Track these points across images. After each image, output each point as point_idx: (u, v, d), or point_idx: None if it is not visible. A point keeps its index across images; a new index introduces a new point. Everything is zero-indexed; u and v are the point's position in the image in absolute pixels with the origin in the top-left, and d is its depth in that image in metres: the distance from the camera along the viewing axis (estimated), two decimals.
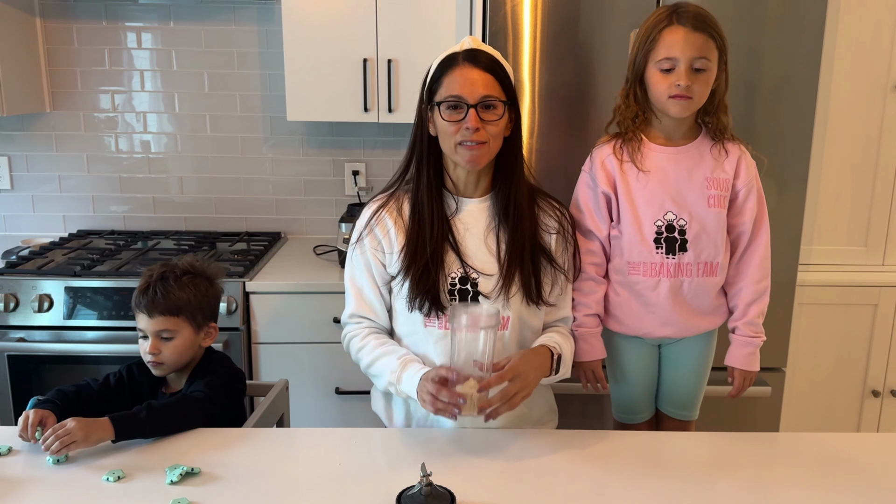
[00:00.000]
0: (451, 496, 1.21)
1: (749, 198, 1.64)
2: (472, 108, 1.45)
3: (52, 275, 2.34)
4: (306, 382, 2.40)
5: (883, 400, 2.51)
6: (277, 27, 2.68)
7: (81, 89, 2.82)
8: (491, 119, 1.46)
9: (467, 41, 1.50)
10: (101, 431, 1.37)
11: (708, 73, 1.53)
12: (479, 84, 1.45)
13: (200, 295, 1.62)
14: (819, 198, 2.40)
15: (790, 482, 1.33)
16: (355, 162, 2.90)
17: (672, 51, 1.52)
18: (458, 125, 1.46)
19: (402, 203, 1.58)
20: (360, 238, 1.59)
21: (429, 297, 1.50)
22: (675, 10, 1.54)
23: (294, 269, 2.50)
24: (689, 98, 1.53)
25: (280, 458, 1.39)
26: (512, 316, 1.54)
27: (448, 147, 1.50)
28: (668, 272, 1.62)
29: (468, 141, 1.46)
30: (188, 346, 1.60)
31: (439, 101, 1.47)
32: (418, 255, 1.51)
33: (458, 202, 1.57)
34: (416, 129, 1.56)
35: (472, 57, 1.47)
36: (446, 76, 1.48)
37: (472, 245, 1.55)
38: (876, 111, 2.35)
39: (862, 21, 2.28)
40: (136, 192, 2.92)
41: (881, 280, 2.44)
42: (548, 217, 1.60)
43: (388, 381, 1.51)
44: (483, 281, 1.53)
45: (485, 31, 2.13)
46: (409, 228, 1.54)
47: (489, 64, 1.48)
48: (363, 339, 1.58)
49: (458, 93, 1.45)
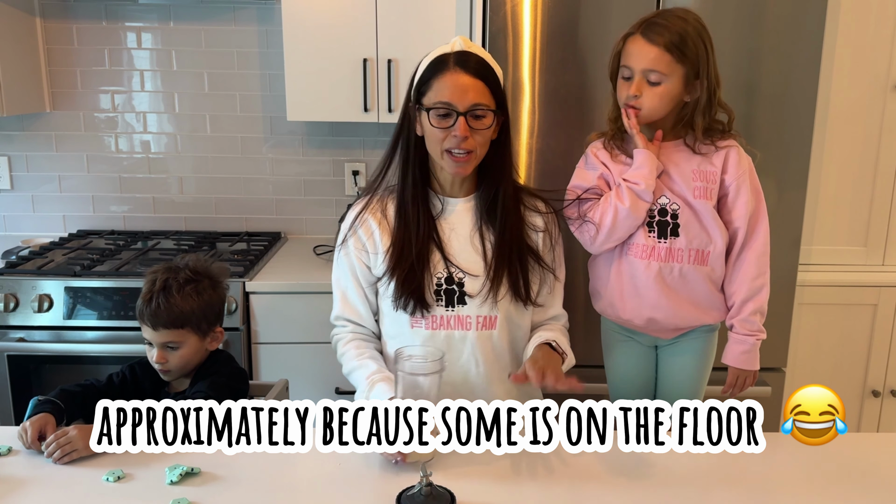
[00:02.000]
0: (451, 496, 1.21)
1: (741, 193, 1.62)
2: (461, 115, 1.43)
3: (52, 275, 2.34)
4: (306, 382, 2.40)
5: (883, 400, 2.51)
6: (277, 27, 2.68)
7: (81, 89, 2.82)
8: (480, 128, 1.45)
9: (458, 42, 1.48)
10: None
11: (663, 87, 1.53)
12: (470, 91, 1.43)
13: (204, 303, 1.61)
14: (819, 198, 2.40)
15: (790, 482, 1.33)
16: (355, 162, 2.90)
17: (628, 59, 1.56)
18: (446, 132, 1.44)
19: (387, 204, 1.57)
20: (345, 240, 1.59)
21: (414, 297, 1.50)
22: (643, 21, 1.56)
23: (294, 269, 2.50)
24: (638, 109, 1.56)
25: (280, 458, 1.38)
26: (500, 316, 1.55)
27: (435, 152, 1.48)
28: (660, 256, 1.63)
29: (456, 150, 1.45)
30: (194, 353, 1.61)
31: (428, 106, 1.45)
32: (404, 256, 1.51)
33: (443, 202, 1.56)
34: (401, 128, 1.53)
35: (463, 61, 1.44)
36: (436, 80, 1.45)
37: (457, 245, 1.54)
38: (876, 111, 2.35)
39: (862, 21, 2.28)
40: (136, 192, 2.92)
41: (881, 280, 2.44)
42: (534, 215, 1.59)
43: (359, 397, 1.54)
44: (469, 281, 1.53)
45: (485, 31, 2.13)
46: (395, 229, 1.54)
47: (480, 69, 1.45)
48: (345, 345, 1.61)
49: (448, 100, 1.43)
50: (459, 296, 1.53)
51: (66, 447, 1.33)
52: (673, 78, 1.53)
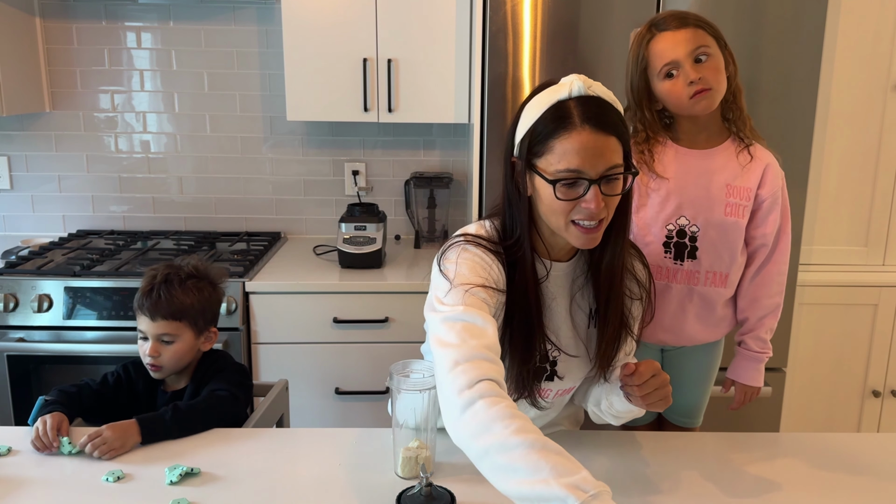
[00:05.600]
0: (451, 496, 1.21)
1: (773, 209, 1.58)
2: (594, 184, 1.15)
3: (52, 275, 2.34)
4: (306, 382, 2.40)
5: (883, 400, 2.51)
6: (277, 27, 2.68)
7: (81, 89, 2.82)
8: (613, 193, 1.18)
9: (577, 84, 1.17)
10: (136, 436, 1.38)
11: (712, 58, 1.49)
12: (604, 154, 1.15)
13: (204, 300, 1.62)
14: (819, 197, 2.40)
15: (790, 482, 1.33)
16: (355, 162, 2.90)
17: (666, 56, 1.49)
18: (573, 203, 1.17)
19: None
20: (484, 278, 1.22)
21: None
22: (652, 23, 1.53)
23: (294, 269, 2.50)
24: (709, 89, 1.48)
25: (280, 458, 1.38)
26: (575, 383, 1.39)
27: (558, 224, 1.21)
28: (676, 278, 1.59)
29: (586, 221, 1.19)
30: (188, 351, 1.60)
31: (552, 178, 1.17)
32: (510, 328, 1.27)
33: (549, 268, 1.30)
34: (509, 185, 1.26)
35: (592, 115, 1.15)
36: (559, 140, 1.16)
37: (556, 318, 1.32)
38: (876, 111, 2.35)
39: (862, 21, 2.28)
40: (135, 192, 2.92)
41: (881, 280, 2.44)
42: (633, 281, 1.35)
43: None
44: (563, 361, 1.33)
45: (485, 31, 2.13)
46: (510, 296, 1.26)
47: (611, 121, 1.17)
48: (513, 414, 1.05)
49: (579, 167, 1.15)
50: (549, 374, 1.34)
51: (103, 448, 1.34)
52: (714, 49, 1.49)
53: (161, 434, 1.41)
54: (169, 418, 1.42)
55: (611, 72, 2.07)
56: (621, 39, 2.06)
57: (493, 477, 1.03)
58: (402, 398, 1.29)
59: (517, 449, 0.99)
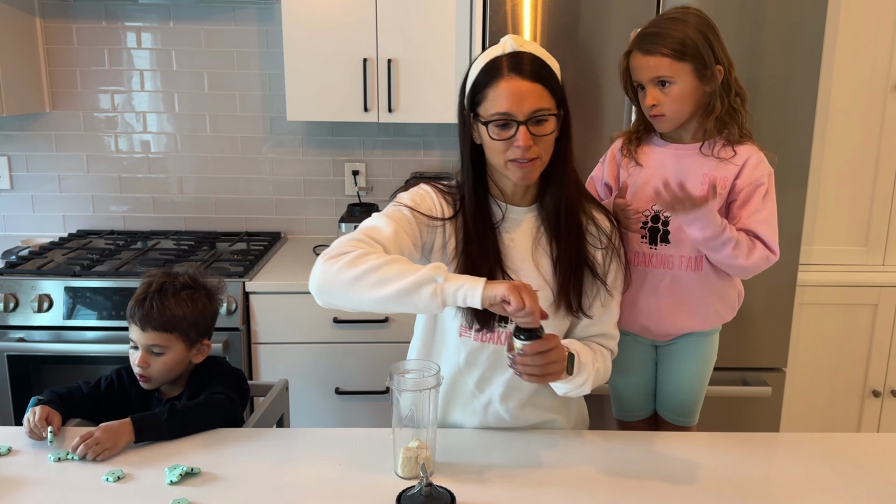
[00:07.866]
0: (451, 496, 1.21)
1: (751, 198, 1.58)
2: (522, 125, 1.32)
3: (52, 275, 2.34)
4: (306, 382, 2.40)
5: (883, 400, 2.51)
6: (277, 27, 2.68)
7: (81, 89, 2.82)
8: (542, 133, 1.35)
9: (509, 42, 1.36)
10: (128, 436, 1.38)
11: (675, 86, 1.52)
12: (529, 98, 1.32)
13: (197, 312, 1.59)
14: (819, 198, 2.40)
15: (790, 482, 1.33)
16: (355, 162, 2.90)
17: (635, 75, 1.58)
18: (507, 143, 1.34)
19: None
20: (415, 202, 1.42)
21: (476, 311, 1.36)
22: (640, 33, 1.57)
23: (294, 270, 2.50)
24: (662, 115, 1.56)
25: (280, 458, 1.38)
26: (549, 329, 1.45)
27: (498, 163, 1.38)
28: (651, 262, 1.63)
29: (520, 159, 1.35)
30: (178, 363, 1.58)
31: (486, 119, 1.35)
32: (468, 267, 1.40)
33: (504, 210, 1.46)
34: (462, 135, 1.43)
35: (518, 65, 1.33)
36: (491, 88, 1.34)
37: (517, 259, 1.44)
38: (876, 111, 2.35)
39: (862, 21, 2.29)
40: (135, 192, 2.92)
41: (881, 280, 2.44)
42: (597, 230, 1.49)
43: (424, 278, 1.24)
44: None
45: (485, 31, 2.13)
46: (462, 235, 1.42)
47: (536, 70, 1.34)
48: (365, 254, 1.28)
49: (507, 109, 1.32)
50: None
51: (95, 448, 1.34)
52: (681, 77, 1.52)
53: (155, 433, 1.41)
54: (165, 418, 1.42)
55: (611, 72, 2.07)
56: (621, 39, 2.06)
57: (368, 294, 1.25)
58: (402, 398, 1.29)
59: (384, 266, 1.25)
